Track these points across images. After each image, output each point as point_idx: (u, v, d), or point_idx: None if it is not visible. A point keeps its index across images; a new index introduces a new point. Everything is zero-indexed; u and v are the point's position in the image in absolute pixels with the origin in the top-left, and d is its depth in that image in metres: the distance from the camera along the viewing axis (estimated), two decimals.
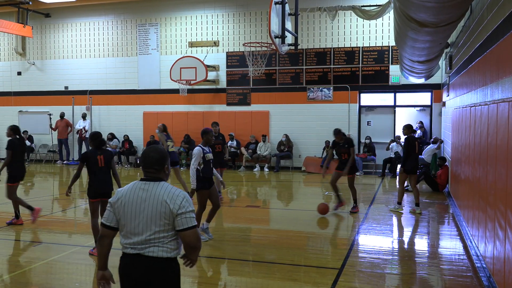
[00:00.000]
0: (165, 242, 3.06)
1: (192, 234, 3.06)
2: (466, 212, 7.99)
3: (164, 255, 3.07)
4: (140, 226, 3.05)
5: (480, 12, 6.80)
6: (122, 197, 3.12)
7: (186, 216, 3.03)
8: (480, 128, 6.38)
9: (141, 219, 3.04)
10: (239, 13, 17.45)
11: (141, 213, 3.05)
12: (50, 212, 10.06)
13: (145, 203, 3.05)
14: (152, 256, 3.04)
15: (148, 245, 3.04)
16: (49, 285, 5.62)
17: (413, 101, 16.38)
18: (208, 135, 7.24)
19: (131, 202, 3.08)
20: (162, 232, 3.04)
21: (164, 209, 3.02)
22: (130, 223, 3.08)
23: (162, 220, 3.02)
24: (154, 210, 3.03)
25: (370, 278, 5.80)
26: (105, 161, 6.64)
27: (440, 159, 12.33)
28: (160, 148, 3.28)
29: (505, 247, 4.53)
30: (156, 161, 3.16)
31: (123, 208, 3.10)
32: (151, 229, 3.03)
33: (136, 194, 3.09)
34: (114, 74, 18.94)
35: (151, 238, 3.03)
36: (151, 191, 3.08)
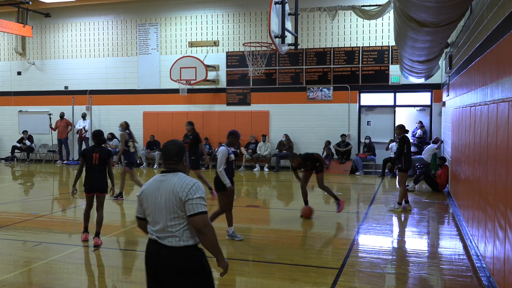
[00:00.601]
0: (181, 230, 3.19)
1: (199, 219, 3.15)
2: (466, 212, 7.99)
3: (181, 244, 3.18)
4: (158, 216, 3.22)
5: (480, 12, 6.80)
6: (145, 189, 3.33)
7: (193, 202, 3.15)
8: (480, 128, 6.38)
9: (159, 209, 3.22)
10: (239, 13, 17.44)
11: (158, 203, 3.22)
12: (50, 212, 10.06)
13: (161, 194, 3.23)
14: (170, 246, 3.18)
15: (166, 234, 3.19)
16: (49, 285, 5.62)
17: (413, 101, 16.38)
18: (234, 138, 7.26)
19: (151, 193, 3.28)
20: (177, 220, 3.18)
21: (175, 198, 3.17)
22: (151, 212, 3.27)
23: (174, 208, 3.17)
24: (167, 200, 3.19)
25: (370, 278, 5.80)
26: (99, 158, 7.02)
27: (440, 159, 12.33)
28: (178, 141, 3.47)
29: (505, 247, 4.53)
30: (175, 153, 3.35)
31: (145, 199, 3.31)
32: (167, 218, 3.19)
33: (155, 185, 3.28)
34: (114, 74, 18.94)
35: (168, 227, 3.18)
36: (167, 182, 3.24)
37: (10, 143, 19.84)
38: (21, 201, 11.26)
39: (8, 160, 19.66)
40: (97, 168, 7.06)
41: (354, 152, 16.26)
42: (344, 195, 12.40)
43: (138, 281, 5.78)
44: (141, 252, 7.04)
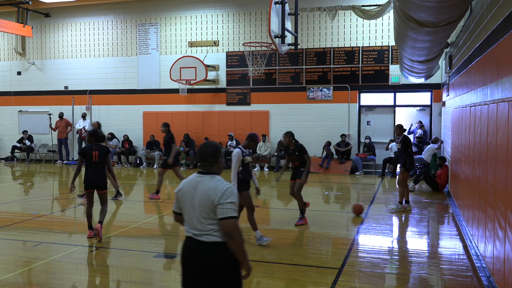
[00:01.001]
0: (214, 230, 3.33)
1: (229, 223, 3.28)
2: (466, 212, 7.99)
3: (216, 239, 3.32)
4: (193, 214, 3.39)
5: (480, 11, 6.80)
6: (183, 187, 3.49)
7: (224, 206, 3.27)
8: (480, 127, 6.38)
9: (193, 208, 3.38)
10: (239, 13, 17.44)
11: (193, 202, 3.38)
12: (50, 212, 10.06)
13: (196, 194, 3.38)
14: (205, 241, 3.33)
15: (201, 232, 3.35)
16: (49, 285, 5.62)
17: (413, 101, 16.38)
18: (251, 142, 7.12)
19: (187, 192, 3.44)
20: (210, 220, 3.33)
21: (208, 200, 3.32)
22: (186, 211, 3.45)
23: (208, 209, 3.32)
24: (202, 201, 3.34)
25: (370, 278, 5.80)
26: (99, 156, 7.29)
27: (440, 159, 12.33)
28: (214, 143, 3.61)
29: (505, 247, 4.53)
30: (211, 155, 3.47)
31: (182, 198, 3.47)
32: (201, 217, 3.35)
33: (191, 185, 3.44)
34: (114, 74, 18.94)
35: (201, 225, 3.35)
36: (203, 183, 3.39)
37: (10, 143, 19.84)
38: (21, 201, 11.26)
39: (8, 160, 19.66)
40: (97, 165, 7.33)
41: (354, 152, 16.26)
42: (344, 195, 12.40)
43: (138, 281, 5.78)
44: (141, 252, 7.05)
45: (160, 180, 10.99)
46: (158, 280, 5.82)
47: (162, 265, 6.38)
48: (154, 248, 7.13)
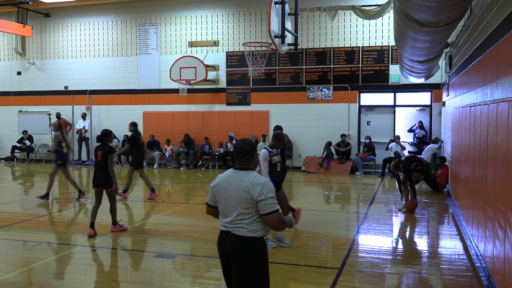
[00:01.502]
0: (249, 223, 3.47)
1: (273, 217, 3.45)
2: (466, 212, 7.99)
3: (248, 234, 3.47)
4: (228, 209, 3.54)
5: (480, 11, 6.80)
6: (219, 182, 3.63)
7: (266, 202, 3.42)
8: (480, 127, 6.38)
9: (230, 203, 3.52)
10: (239, 13, 17.45)
11: (230, 197, 3.52)
12: (50, 212, 10.06)
13: (233, 189, 3.51)
14: (237, 234, 3.49)
15: (235, 226, 3.50)
16: (49, 285, 5.62)
17: (413, 101, 16.38)
18: (277, 141, 6.88)
19: (224, 187, 3.58)
20: (246, 215, 3.47)
21: (246, 195, 3.44)
22: (222, 205, 3.59)
23: (245, 204, 3.45)
24: (239, 196, 3.47)
25: (370, 278, 5.80)
26: (101, 155, 7.64)
27: (440, 159, 12.33)
28: (249, 140, 3.76)
29: (505, 247, 4.53)
30: (247, 151, 3.62)
31: (218, 192, 3.61)
32: (236, 212, 3.49)
33: (228, 181, 3.57)
34: (114, 74, 18.94)
35: (236, 219, 3.49)
36: (239, 179, 3.52)
37: (10, 143, 19.85)
38: (21, 201, 11.26)
39: (8, 160, 19.66)
40: (100, 165, 7.69)
41: (354, 152, 16.27)
42: (344, 195, 12.40)
43: (138, 281, 5.78)
44: (141, 252, 7.05)
45: (146, 180, 11.23)
46: (158, 280, 5.82)
47: (162, 265, 6.38)
48: (154, 248, 7.13)
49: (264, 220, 3.48)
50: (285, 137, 7.04)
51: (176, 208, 10.14)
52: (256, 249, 3.50)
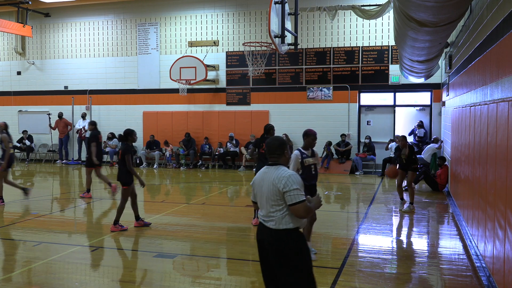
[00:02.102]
0: (281, 216, 3.65)
1: (299, 208, 3.61)
2: (465, 212, 7.99)
3: (281, 227, 3.65)
4: (263, 202, 3.77)
5: (479, 11, 6.80)
6: (255, 179, 3.89)
7: (291, 193, 3.60)
8: (479, 127, 6.38)
9: (263, 197, 3.76)
10: (239, 13, 17.44)
11: (262, 192, 3.76)
12: (50, 212, 10.06)
13: (264, 184, 3.74)
14: (271, 227, 3.68)
15: (269, 218, 3.71)
16: (49, 284, 5.62)
17: (413, 101, 16.38)
18: (308, 139, 6.39)
19: (257, 183, 3.84)
20: (277, 207, 3.66)
21: (274, 188, 3.66)
22: (258, 199, 3.85)
23: (274, 197, 3.66)
24: (269, 190, 3.70)
25: (369, 277, 5.80)
26: (121, 155, 8.02)
27: (440, 158, 12.33)
28: (280, 137, 3.96)
29: (505, 247, 4.53)
30: (277, 148, 3.82)
31: (254, 188, 3.88)
32: (268, 205, 3.70)
33: (261, 177, 3.82)
34: (114, 73, 18.94)
35: (269, 212, 3.70)
36: (269, 174, 3.75)
37: None
38: (21, 201, 11.25)
39: None
40: (119, 163, 8.13)
41: (354, 152, 16.27)
42: (344, 194, 12.40)
43: (138, 281, 5.78)
44: (141, 252, 7.04)
45: (88, 179, 11.34)
46: (158, 280, 5.82)
47: (162, 265, 6.38)
48: (154, 248, 7.13)
49: (291, 210, 3.63)
50: (314, 132, 6.50)
51: (176, 208, 10.14)
52: (290, 240, 3.64)
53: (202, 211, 9.88)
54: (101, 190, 13.03)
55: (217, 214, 9.65)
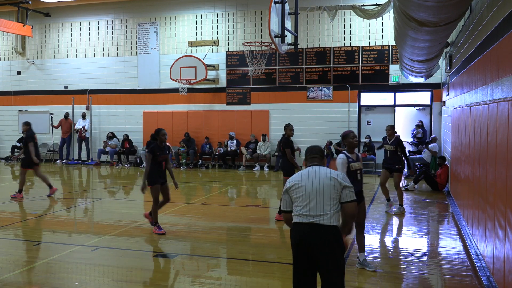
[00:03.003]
0: (333, 212, 3.78)
1: (352, 205, 3.82)
2: (466, 212, 7.99)
3: (332, 222, 3.76)
4: (315, 200, 3.83)
5: (480, 11, 6.80)
6: (296, 181, 3.94)
7: (348, 191, 3.86)
8: (480, 127, 6.38)
9: (316, 194, 3.83)
10: (239, 13, 17.44)
11: (313, 189, 3.85)
12: (50, 211, 10.06)
13: (317, 181, 3.87)
14: (324, 224, 3.74)
15: (322, 214, 3.77)
16: (49, 284, 5.62)
17: (413, 101, 16.38)
18: (348, 138, 5.95)
19: (305, 182, 3.93)
20: (332, 201, 3.81)
21: (333, 182, 3.85)
22: (304, 198, 3.87)
23: (331, 192, 3.81)
24: (325, 185, 3.85)
25: (370, 277, 5.80)
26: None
27: (440, 158, 12.33)
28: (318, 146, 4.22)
29: (505, 247, 4.53)
30: (320, 150, 4.12)
31: (298, 189, 3.91)
32: (323, 202, 3.80)
33: (308, 176, 3.93)
34: (114, 73, 18.94)
35: (324, 209, 3.79)
36: (320, 171, 3.91)
37: (10, 142, 19.85)
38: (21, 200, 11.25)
39: (8, 159, 19.66)
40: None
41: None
42: None
43: (138, 281, 5.78)
44: (141, 252, 7.04)
45: (22, 179, 11.21)
46: (158, 280, 5.82)
47: (162, 265, 6.38)
48: (154, 248, 7.13)
49: (343, 207, 3.80)
50: (349, 134, 6.03)
51: (176, 208, 10.14)
52: (339, 236, 3.77)
53: (202, 211, 9.88)
54: (101, 190, 13.03)
55: (217, 214, 9.65)
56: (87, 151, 18.84)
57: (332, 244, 3.71)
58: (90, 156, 18.82)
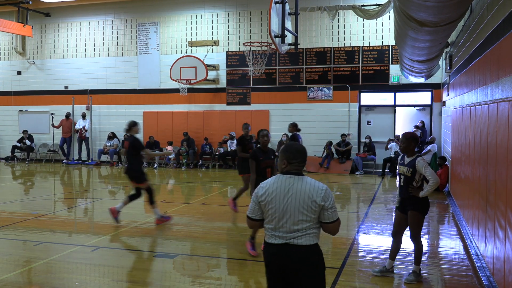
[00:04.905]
0: (311, 231, 3.27)
1: (335, 226, 3.30)
2: (466, 212, 7.98)
3: (312, 242, 3.26)
4: (285, 217, 3.29)
5: (480, 11, 6.79)
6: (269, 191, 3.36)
7: (332, 210, 3.29)
8: (480, 127, 6.38)
9: (287, 211, 3.28)
10: (239, 13, 17.44)
11: (289, 205, 3.28)
12: (50, 211, 10.06)
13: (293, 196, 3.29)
14: (302, 244, 3.24)
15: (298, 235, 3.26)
16: (49, 284, 5.62)
17: (413, 101, 16.38)
18: (412, 142, 5.48)
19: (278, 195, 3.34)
20: (307, 222, 3.26)
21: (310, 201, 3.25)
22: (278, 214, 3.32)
23: (308, 211, 3.24)
24: (299, 202, 3.26)
25: (370, 277, 5.80)
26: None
27: (440, 158, 12.32)
28: (301, 144, 3.63)
29: (505, 247, 4.53)
30: (304, 154, 3.40)
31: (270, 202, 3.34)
32: (295, 219, 3.26)
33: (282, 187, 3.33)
34: (114, 73, 18.94)
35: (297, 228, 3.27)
36: (297, 184, 3.30)
37: (10, 142, 19.85)
38: (21, 200, 11.27)
39: (8, 159, 19.67)
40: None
41: (354, 151, 16.26)
42: (344, 194, 12.40)
43: (138, 281, 5.78)
44: (141, 252, 7.04)
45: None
46: (158, 280, 5.82)
47: (162, 265, 6.37)
48: (154, 248, 7.13)
49: (324, 227, 3.29)
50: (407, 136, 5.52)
51: (176, 208, 10.14)
52: (320, 255, 3.32)
53: (202, 211, 9.88)
54: (101, 190, 13.03)
55: (217, 214, 9.65)
56: (87, 151, 18.84)
57: (310, 267, 3.23)
58: (90, 156, 18.82)
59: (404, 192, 5.52)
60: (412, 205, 5.48)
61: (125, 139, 8.36)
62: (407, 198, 5.50)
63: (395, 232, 5.77)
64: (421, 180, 5.47)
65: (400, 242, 5.78)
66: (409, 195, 5.46)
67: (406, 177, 5.47)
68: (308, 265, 3.23)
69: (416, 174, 5.43)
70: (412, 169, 5.43)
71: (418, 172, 5.40)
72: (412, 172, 5.44)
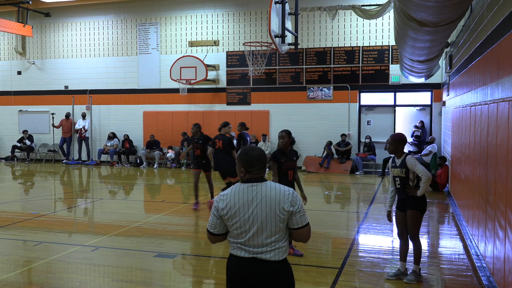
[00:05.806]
0: (282, 244, 3.00)
1: (306, 231, 3.02)
2: (466, 212, 7.98)
3: (282, 257, 3.00)
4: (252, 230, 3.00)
5: (480, 11, 6.79)
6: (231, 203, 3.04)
7: (301, 213, 3.00)
8: (480, 127, 6.38)
9: (254, 223, 2.98)
10: (239, 13, 17.44)
11: (255, 216, 2.97)
12: (50, 211, 10.06)
13: (258, 207, 2.99)
14: (270, 260, 2.98)
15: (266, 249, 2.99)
16: (49, 284, 5.62)
17: (413, 101, 16.38)
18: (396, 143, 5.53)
19: (242, 207, 3.03)
20: (278, 233, 2.99)
21: (278, 208, 2.96)
22: (244, 228, 3.02)
23: (277, 220, 2.97)
24: (269, 212, 2.97)
25: (370, 277, 5.80)
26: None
27: (440, 158, 12.33)
28: (257, 147, 3.23)
29: (505, 247, 4.53)
30: (264, 159, 3.10)
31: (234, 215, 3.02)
32: (265, 232, 2.99)
33: (245, 198, 3.02)
34: (114, 73, 18.93)
35: (267, 241, 2.99)
36: (262, 192, 3.00)
37: (10, 142, 19.85)
38: (21, 200, 11.27)
39: (8, 159, 19.67)
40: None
41: (354, 151, 16.26)
42: (344, 194, 12.39)
43: (138, 281, 5.78)
44: (141, 252, 7.04)
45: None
46: (158, 280, 5.82)
47: (162, 265, 6.37)
48: (154, 248, 7.13)
49: (294, 234, 3.00)
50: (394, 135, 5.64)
51: (176, 208, 10.14)
52: (290, 272, 3.06)
53: (202, 211, 9.88)
54: (101, 190, 13.03)
55: None
56: (87, 151, 18.84)
57: (280, 285, 2.97)
58: (90, 156, 18.82)
59: (402, 194, 5.57)
60: (410, 205, 5.56)
61: (218, 138, 8.97)
62: (405, 198, 5.57)
63: (401, 232, 5.80)
64: (416, 179, 5.49)
65: (408, 242, 5.77)
66: (407, 195, 5.52)
67: (401, 178, 5.50)
68: (278, 282, 2.96)
69: (410, 173, 5.45)
70: (404, 169, 5.46)
71: (411, 170, 5.42)
72: (405, 172, 5.46)
